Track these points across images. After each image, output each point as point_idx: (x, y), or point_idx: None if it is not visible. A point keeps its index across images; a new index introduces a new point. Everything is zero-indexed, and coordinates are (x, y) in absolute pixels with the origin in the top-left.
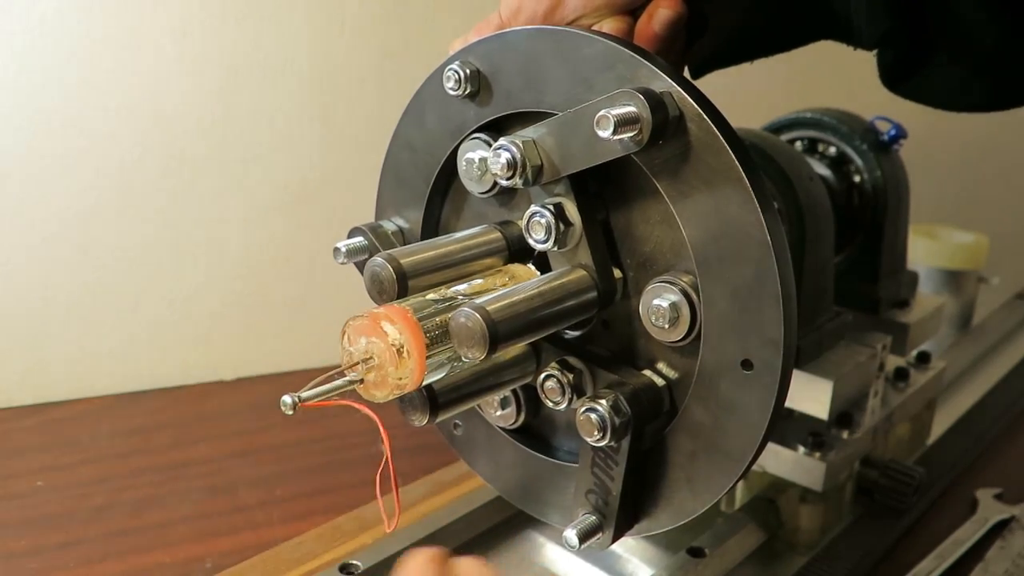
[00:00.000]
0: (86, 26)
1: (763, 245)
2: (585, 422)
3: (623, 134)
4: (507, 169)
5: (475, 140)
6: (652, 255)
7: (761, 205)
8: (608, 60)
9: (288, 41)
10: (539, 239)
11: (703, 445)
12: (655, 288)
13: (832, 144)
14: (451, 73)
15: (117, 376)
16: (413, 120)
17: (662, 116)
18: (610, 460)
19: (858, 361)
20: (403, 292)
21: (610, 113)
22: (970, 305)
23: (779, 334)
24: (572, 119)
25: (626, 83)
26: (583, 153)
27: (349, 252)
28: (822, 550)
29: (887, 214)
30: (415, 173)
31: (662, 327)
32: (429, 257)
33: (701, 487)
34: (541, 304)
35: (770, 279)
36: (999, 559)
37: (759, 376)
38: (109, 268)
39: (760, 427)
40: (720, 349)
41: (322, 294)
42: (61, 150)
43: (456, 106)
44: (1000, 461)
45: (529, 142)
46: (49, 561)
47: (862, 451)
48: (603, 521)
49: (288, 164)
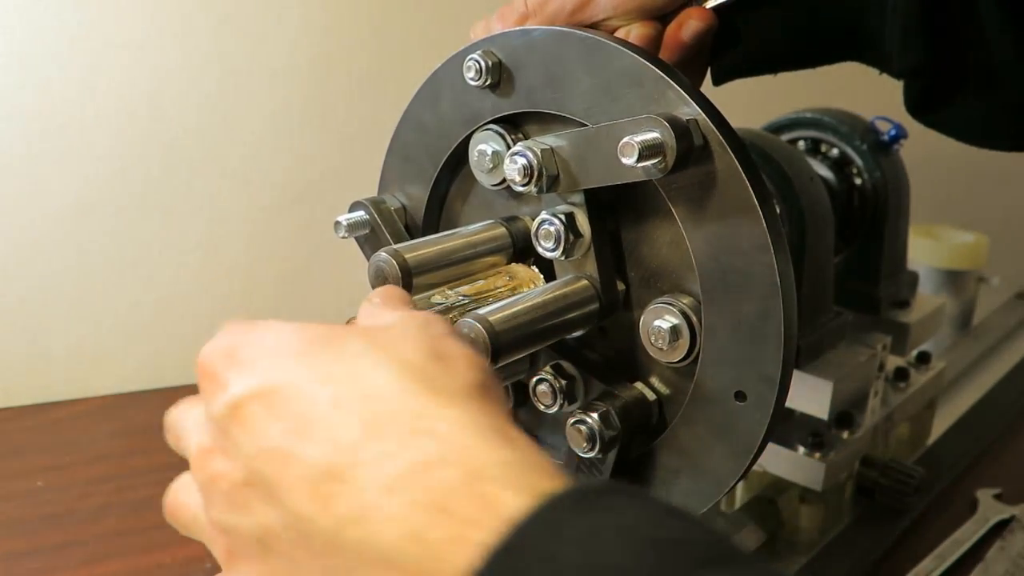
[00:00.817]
0: (86, 26)
1: (772, 285)
2: (575, 433)
3: (646, 161)
4: (523, 175)
5: (489, 131)
6: (658, 272)
7: (775, 245)
8: (636, 77)
9: (288, 41)
10: (548, 247)
11: (688, 465)
12: (657, 308)
13: (833, 145)
14: (472, 63)
15: (117, 376)
16: (427, 102)
17: (687, 145)
18: (595, 469)
19: (858, 361)
20: (407, 288)
21: (635, 140)
22: (970, 305)
23: (776, 373)
24: (594, 136)
25: (652, 104)
26: (602, 172)
27: (350, 226)
28: (822, 550)
29: (887, 214)
30: (423, 154)
31: (661, 348)
32: (434, 253)
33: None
34: (544, 315)
35: (774, 318)
36: (999, 559)
37: (752, 409)
38: (109, 268)
39: (747, 456)
40: (716, 376)
41: (322, 294)
42: (61, 150)
43: (474, 94)
44: (1000, 461)
45: (548, 150)
46: (49, 561)
47: (862, 451)
48: None
49: (288, 164)
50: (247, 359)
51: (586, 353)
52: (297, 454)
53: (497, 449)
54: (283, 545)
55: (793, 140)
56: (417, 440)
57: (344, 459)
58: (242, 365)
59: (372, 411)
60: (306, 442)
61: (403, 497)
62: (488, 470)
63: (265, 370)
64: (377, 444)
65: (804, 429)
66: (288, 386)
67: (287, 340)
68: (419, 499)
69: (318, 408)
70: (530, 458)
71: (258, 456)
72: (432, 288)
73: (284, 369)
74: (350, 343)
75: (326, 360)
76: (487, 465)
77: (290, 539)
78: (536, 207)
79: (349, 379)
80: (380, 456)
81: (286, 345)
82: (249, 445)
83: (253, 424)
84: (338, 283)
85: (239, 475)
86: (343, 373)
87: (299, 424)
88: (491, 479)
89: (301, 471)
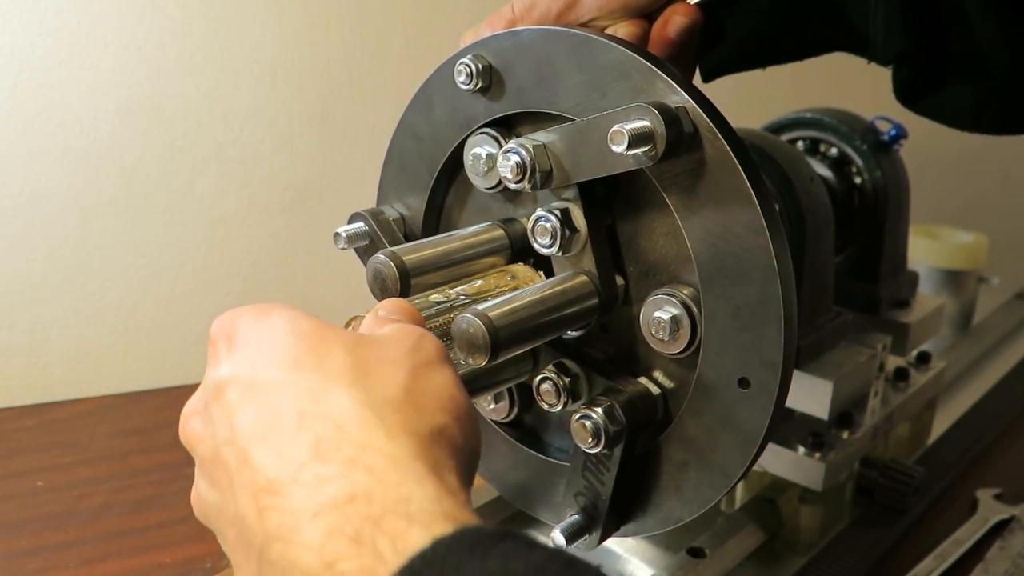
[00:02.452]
0: (86, 26)
1: (769, 268)
2: (579, 429)
3: (637, 149)
4: (516, 172)
5: (483, 135)
6: (656, 265)
7: (770, 228)
8: (624, 69)
9: (288, 41)
10: (544, 244)
11: (695, 456)
12: (657, 299)
13: (833, 145)
14: (463, 67)
15: (117, 376)
16: (420, 109)
17: (676, 132)
18: (601, 465)
19: (858, 361)
20: (406, 290)
21: (624, 128)
22: (970, 305)
23: (778, 357)
24: (585, 128)
25: (641, 94)
26: (594, 163)
27: (349, 238)
28: (822, 550)
29: (887, 214)
30: (419, 162)
31: (662, 339)
32: (432, 255)
33: (690, 496)
34: (543, 310)
35: (773, 302)
36: (999, 559)
37: (755, 395)
38: (109, 268)
39: (752, 444)
40: (718, 365)
41: (322, 294)
42: (61, 150)
43: (466, 99)
44: (1000, 461)
45: (540, 146)
46: (49, 561)
47: (862, 451)
48: (591, 523)
49: (288, 164)
50: (243, 345)
51: (588, 351)
52: (251, 457)
53: (425, 489)
54: (230, 533)
55: (793, 140)
56: (354, 470)
57: (286, 475)
58: (237, 350)
59: (325, 434)
60: (262, 448)
61: (326, 524)
62: (407, 507)
63: (253, 364)
64: (319, 467)
65: (804, 429)
66: (266, 386)
67: (282, 341)
68: (340, 528)
69: (282, 418)
70: (453, 500)
71: (225, 443)
72: (431, 289)
73: (269, 368)
74: (334, 358)
75: (307, 370)
76: (409, 503)
77: (235, 533)
78: (532, 208)
79: (318, 396)
80: (317, 480)
81: (280, 345)
82: (222, 427)
83: (229, 408)
84: (338, 283)
85: (209, 450)
86: (316, 389)
87: (262, 427)
88: (406, 516)
89: (251, 476)
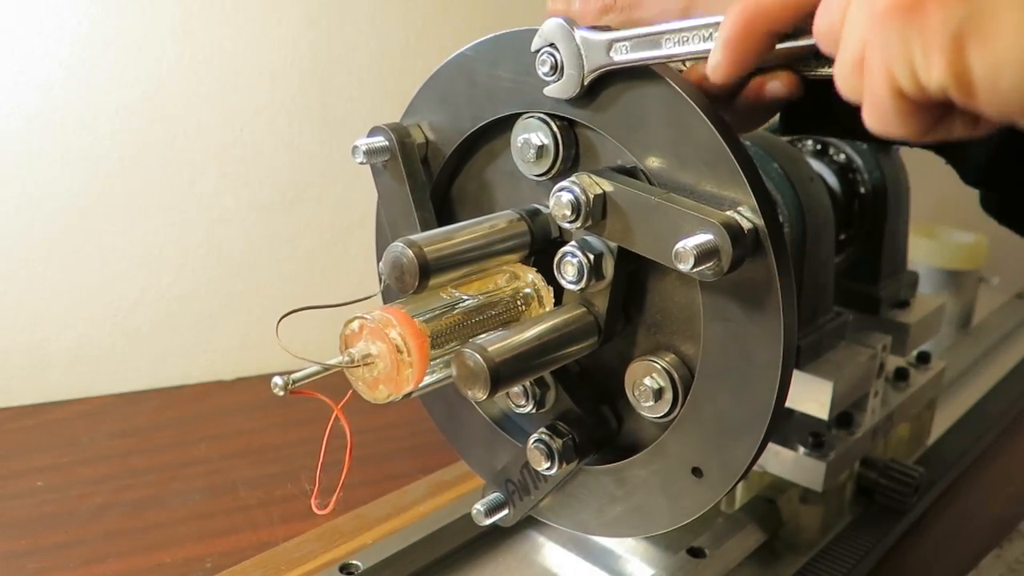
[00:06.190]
0: (86, 26)
1: (770, 391)
2: (534, 452)
3: (701, 266)
4: (571, 212)
5: (539, 120)
6: (661, 324)
7: (784, 360)
8: (713, 157)
9: (288, 41)
10: (568, 279)
11: (624, 495)
12: (649, 364)
13: (841, 151)
14: (547, 57)
15: (117, 376)
16: (485, 58)
17: (740, 255)
18: (541, 479)
19: (858, 361)
20: (422, 287)
21: (689, 246)
22: (970, 305)
23: (744, 463)
24: (655, 211)
25: (717, 189)
26: (650, 247)
27: (368, 152)
28: (822, 550)
29: (887, 214)
30: (465, 107)
31: (642, 402)
32: (454, 250)
33: (609, 520)
34: (542, 347)
35: (760, 422)
36: (993, 567)
37: (705, 483)
38: (108, 268)
39: (682, 518)
40: (682, 445)
41: (322, 294)
42: (61, 150)
43: (538, 83)
44: (1000, 461)
45: (600, 196)
46: (49, 561)
47: (862, 451)
48: (511, 508)
49: (288, 164)
50: None
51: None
52: None
53: None
54: None
55: (794, 141)
56: None
57: None
58: None
59: None
60: None
61: None
62: None
63: None
64: None
65: (804, 429)
66: None
67: None
68: None
69: None
70: None
71: None
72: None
73: None
74: None
75: None
76: None
77: None
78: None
79: None
80: None
81: None
82: None
83: None
84: (338, 283)
85: None
86: None
87: None
88: None
89: None
